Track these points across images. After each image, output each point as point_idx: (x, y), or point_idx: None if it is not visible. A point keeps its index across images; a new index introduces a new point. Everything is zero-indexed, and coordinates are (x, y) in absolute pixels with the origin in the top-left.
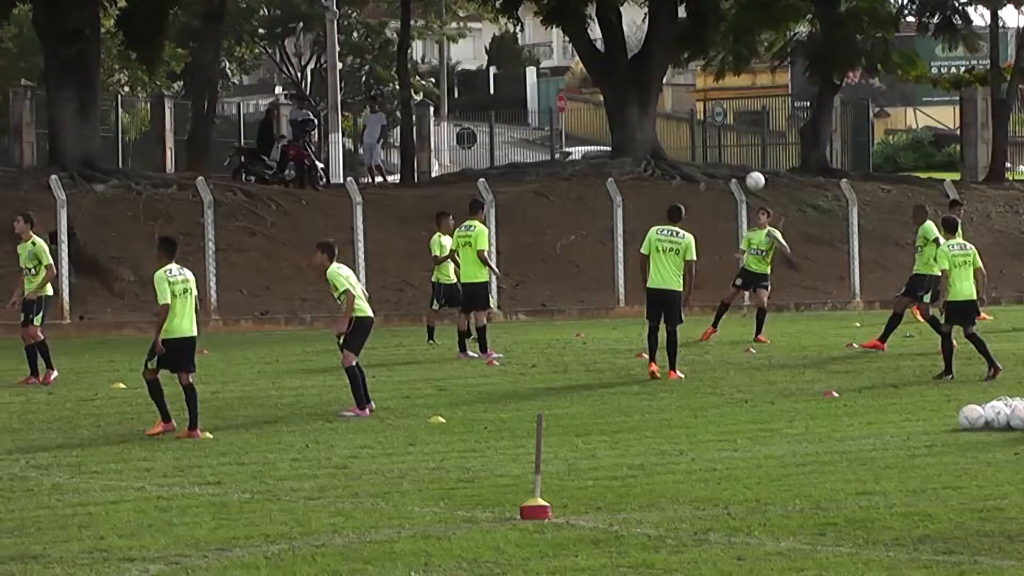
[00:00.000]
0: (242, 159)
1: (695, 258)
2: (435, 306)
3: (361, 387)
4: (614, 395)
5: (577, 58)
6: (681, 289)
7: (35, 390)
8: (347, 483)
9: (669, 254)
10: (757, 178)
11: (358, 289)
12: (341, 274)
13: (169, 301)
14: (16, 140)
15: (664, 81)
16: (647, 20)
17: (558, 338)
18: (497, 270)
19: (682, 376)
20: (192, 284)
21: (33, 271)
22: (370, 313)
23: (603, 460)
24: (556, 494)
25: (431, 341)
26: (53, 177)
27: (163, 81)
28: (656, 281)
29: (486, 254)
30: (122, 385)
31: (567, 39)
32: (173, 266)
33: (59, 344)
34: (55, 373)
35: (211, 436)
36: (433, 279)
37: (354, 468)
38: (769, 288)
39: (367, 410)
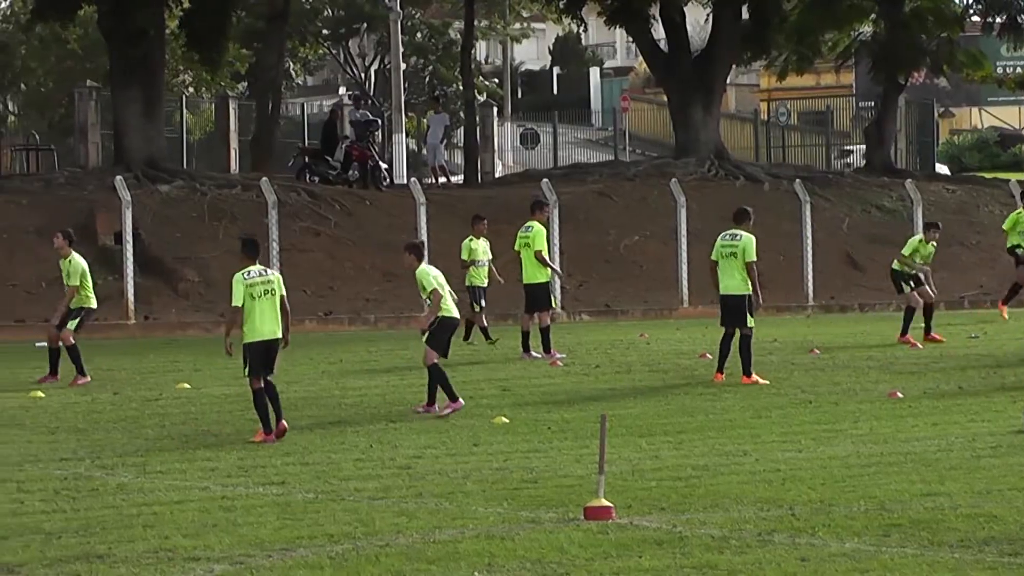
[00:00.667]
0: (306, 160)
1: (755, 259)
2: (475, 308)
3: (446, 383)
4: (678, 396)
5: (641, 58)
6: (743, 292)
7: (101, 391)
8: (411, 483)
9: (729, 258)
10: None
11: (447, 289)
12: (430, 274)
13: (240, 304)
14: (81, 141)
15: (728, 81)
16: (710, 20)
17: (621, 338)
18: (559, 270)
19: (761, 381)
20: (276, 285)
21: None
22: (456, 314)
23: (667, 461)
24: (620, 495)
25: (468, 341)
26: (118, 178)
27: (227, 82)
28: (721, 287)
29: (544, 254)
30: (187, 385)
31: (631, 39)
32: (254, 267)
33: (124, 344)
34: (86, 379)
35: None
36: (467, 283)
37: (418, 468)
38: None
39: (435, 407)
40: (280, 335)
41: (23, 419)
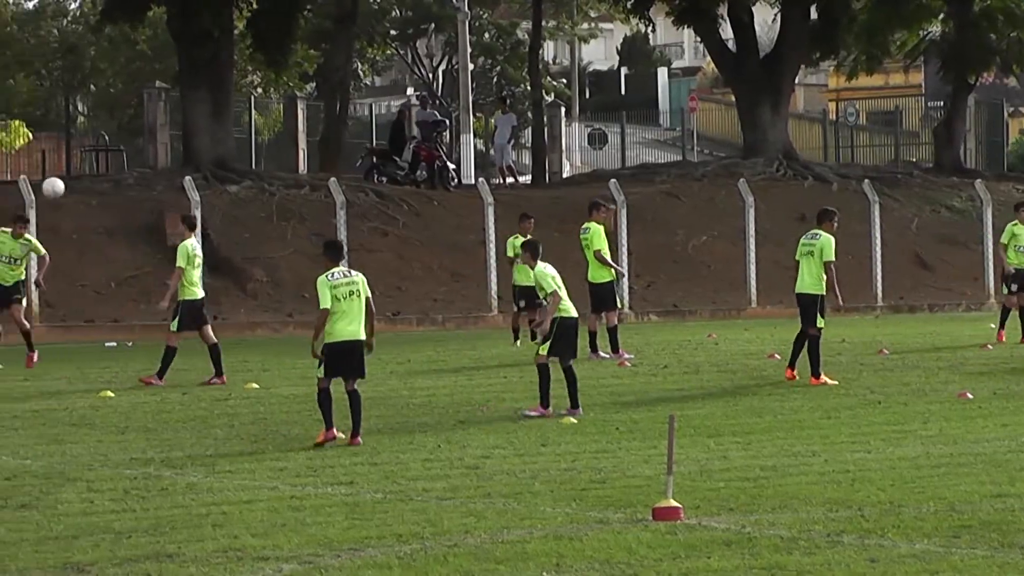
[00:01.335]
0: (374, 160)
1: (832, 258)
2: (516, 308)
3: (546, 388)
4: (746, 396)
5: (708, 58)
6: (815, 292)
7: (171, 391)
8: (479, 483)
9: (807, 257)
10: (55, 186)
11: (564, 291)
12: (548, 274)
13: (328, 305)
14: (151, 141)
15: (796, 81)
16: (779, 20)
17: (690, 339)
18: (621, 268)
19: (829, 382)
20: (360, 286)
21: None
22: (574, 314)
23: (735, 461)
24: (688, 495)
25: (515, 343)
26: (187, 178)
27: (296, 82)
28: (796, 286)
29: (604, 254)
30: (255, 385)
31: (699, 39)
32: (337, 269)
33: (193, 344)
34: (222, 379)
35: (343, 436)
36: (513, 281)
37: (486, 468)
38: None
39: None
40: (363, 337)
41: (93, 419)
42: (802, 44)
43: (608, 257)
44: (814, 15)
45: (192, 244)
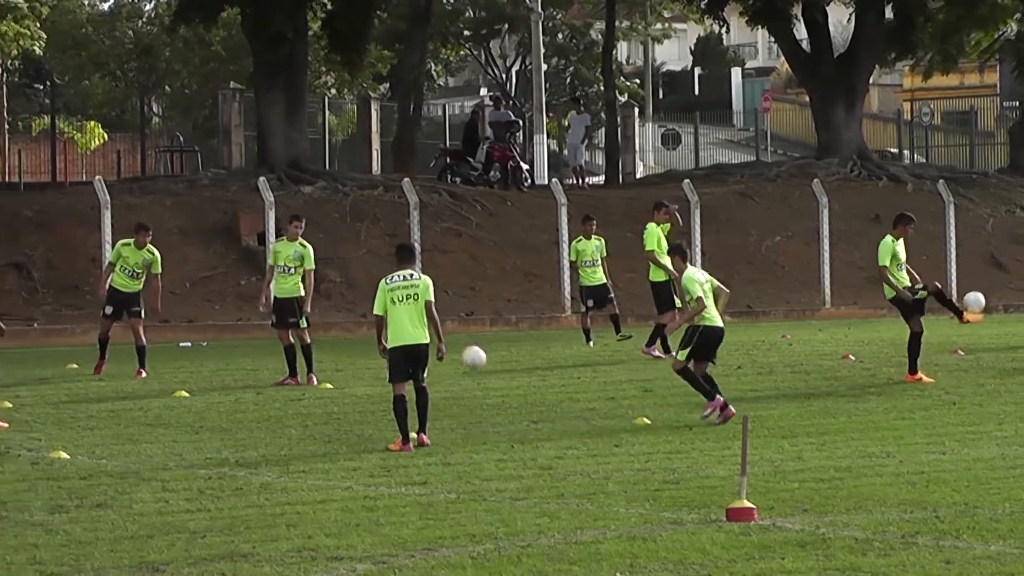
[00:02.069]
0: (447, 160)
1: (883, 263)
2: (583, 309)
3: (699, 384)
4: (820, 397)
5: (783, 58)
6: (889, 295)
7: (245, 391)
8: (552, 484)
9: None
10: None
11: (711, 299)
12: (696, 279)
13: (380, 311)
14: (225, 142)
15: (870, 81)
16: (853, 20)
17: (763, 339)
18: (672, 269)
19: (924, 378)
20: (420, 290)
21: (292, 270)
22: (719, 323)
23: (809, 462)
24: (762, 496)
25: (589, 343)
26: (261, 179)
27: (369, 83)
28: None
29: (656, 255)
30: (329, 385)
31: (773, 39)
32: (397, 272)
33: (267, 344)
34: (314, 380)
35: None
36: (580, 282)
37: (559, 469)
38: None
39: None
40: (422, 340)
41: (168, 419)
42: (877, 44)
43: (661, 258)
44: (889, 15)
45: (277, 245)
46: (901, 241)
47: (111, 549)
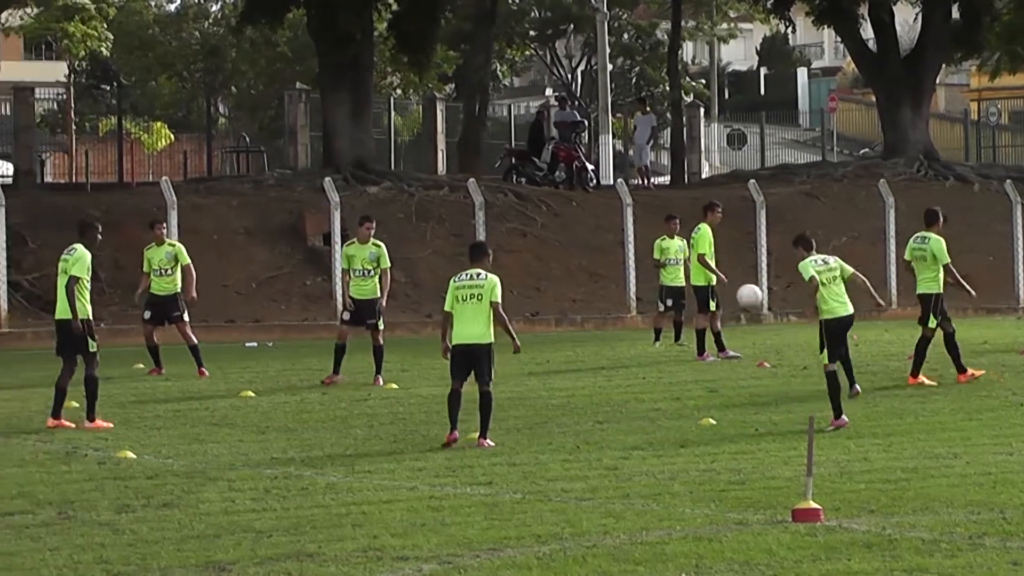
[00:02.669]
0: (513, 161)
1: (948, 261)
2: (660, 308)
3: (835, 395)
4: (886, 397)
5: (849, 58)
6: (930, 292)
7: (311, 391)
8: (618, 484)
9: (919, 261)
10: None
11: (835, 287)
12: (810, 270)
13: (449, 308)
14: (291, 142)
15: (937, 81)
16: (920, 19)
17: None
18: (721, 275)
19: (927, 382)
20: (484, 290)
21: (371, 272)
22: (840, 313)
23: (876, 463)
24: (828, 497)
25: (656, 343)
26: (327, 179)
27: (435, 83)
28: (916, 287)
29: (707, 258)
30: (394, 385)
31: (839, 39)
32: (469, 270)
33: (330, 346)
34: (380, 382)
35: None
36: (660, 281)
37: (625, 469)
38: None
39: (843, 419)
40: (483, 340)
41: (234, 419)
42: (944, 44)
43: (711, 261)
44: (956, 14)
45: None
46: None
47: (177, 548)
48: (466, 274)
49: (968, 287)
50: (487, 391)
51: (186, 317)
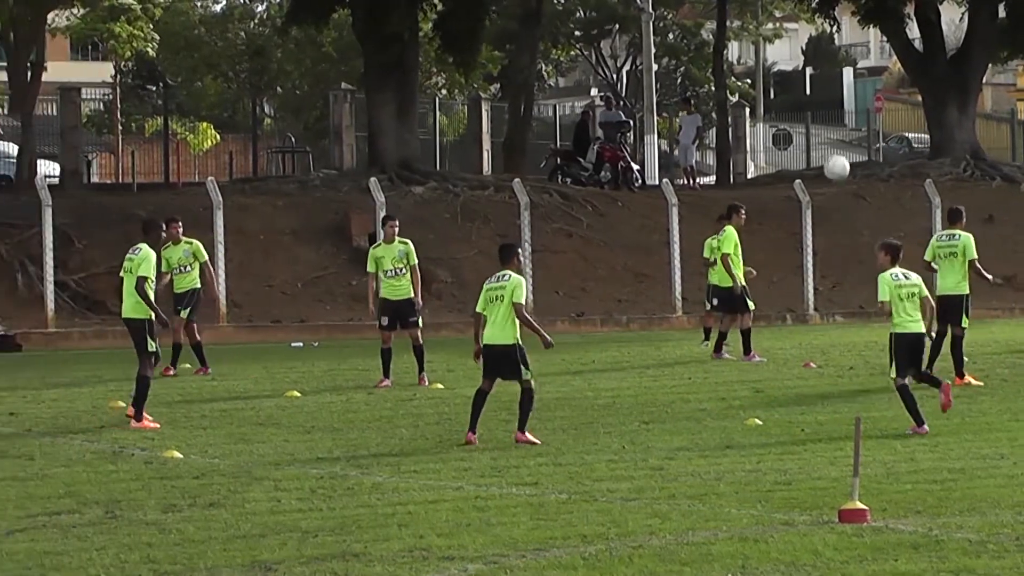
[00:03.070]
0: (558, 161)
1: (976, 256)
2: (707, 307)
3: (916, 410)
4: (933, 398)
5: (895, 58)
6: (961, 292)
7: (357, 391)
8: (663, 484)
9: (949, 258)
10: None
11: (910, 304)
12: (887, 282)
13: (479, 310)
14: (336, 143)
15: (983, 80)
16: (966, 19)
17: (876, 340)
18: (740, 278)
19: (974, 382)
20: (504, 291)
21: (402, 271)
22: (910, 329)
23: (922, 463)
24: (875, 497)
25: (704, 342)
26: (372, 179)
27: (480, 84)
28: (940, 287)
29: (730, 259)
30: (440, 385)
31: (885, 39)
32: (495, 274)
33: (377, 344)
34: (425, 381)
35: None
36: (708, 280)
37: (670, 469)
38: None
39: (924, 428)
40: (506, 341)
41: (280, 418)
42: (990, 43)
43: (735, 267)
44: (1002, 14)
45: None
46: None
47: (224, 548)
48: (495, 276)
49: (988, 275)
50: (526, 387)
51: (195, 316)
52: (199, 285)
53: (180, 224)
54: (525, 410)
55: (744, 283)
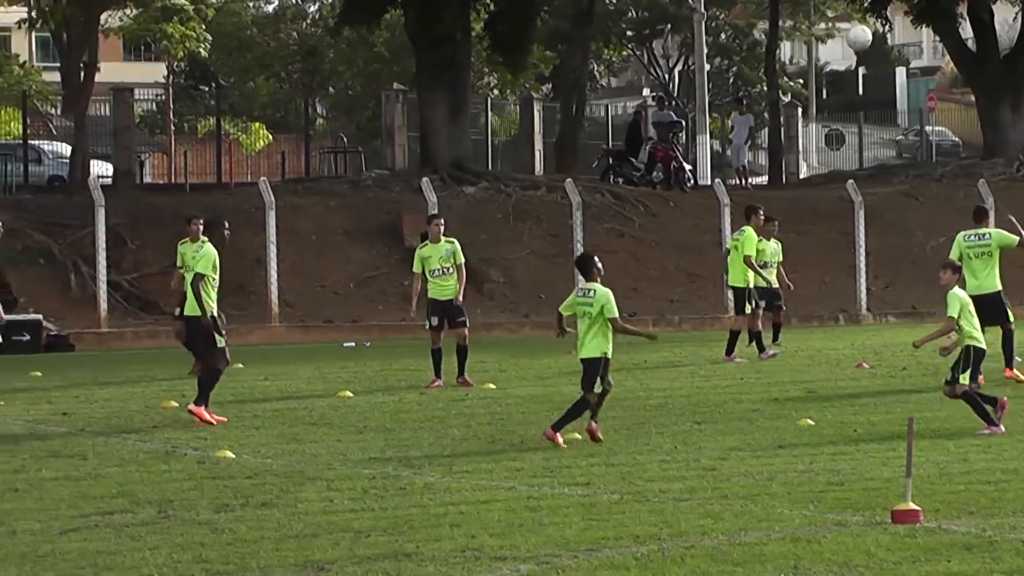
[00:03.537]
0: (610, 161)
1: (1017, 239)
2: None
3: (981, 406)
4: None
5: (948, 57)
6: (999, 289)
7: (409, 391)
8: (716, 484)
9: (983, 258)
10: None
11: (974, 319)
12: (958, 302)
13: (562, 310)
14: (388, 143)
15: None
16: (1020, 18)
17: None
18: (765, 277)
19: (1022, 376)
20: (592, 307)
21: (449, 270)
22: (983, 344)
23: (975, 464)
24: (927, 498)
25: (749, 344)
26: (424, 179)
27: (532, 83)
28: (971, 287)
29: (752, 260)
30: (492, 385)
31: (937, 38)
32: (581, 287)
33: (427, 346)
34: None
35: (579, 437)
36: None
37: (723, 470)
38: None
39: (1000, 427)
40: (591, 355)
41: (332, 418)
42: None
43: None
44: None
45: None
46: None
47: (276, 548)
48: (581, 290)
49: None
50: (588, 398)
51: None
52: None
53: (201, 222)
54: (570, 414)
55: (753, 287)
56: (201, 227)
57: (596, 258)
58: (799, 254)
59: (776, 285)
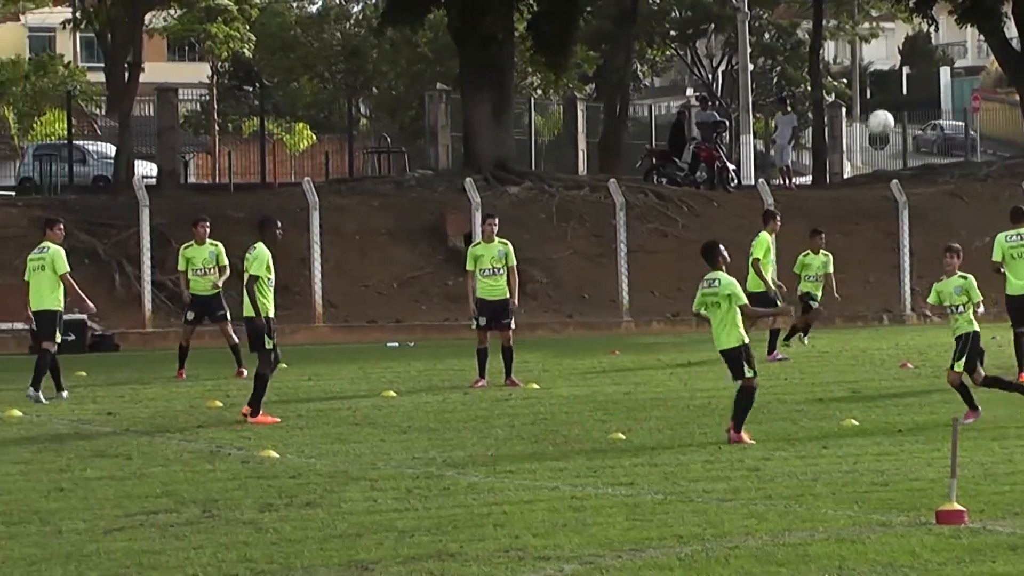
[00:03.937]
0: (654, 161)
1: None
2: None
3: (1005, 386)
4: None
5: (992, 57)
6: None
7: (452, 391)
8: (760, 485)
9: (1021, 259)
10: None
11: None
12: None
13: (695, 308)
14: (432, 143)
15: None
16: None
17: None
18: (770, 284)
19: None
20: (718, 296)
21: (500, 271)
22: (977, 328)
23: (1020, 465)
24: (972, 498)
25: (803, 341)
26: (468, 179)
27: (575, 84)
28: (1016, 287)
29: (760, 265)
30: (536, 385)
31: (982, 38)
32: (705, 278)
33: (473, 344)
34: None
35: (623, 437)
36: (800, 288)
37: (767, 470)
38: None
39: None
40: (727, 345)
41: (376, 418)
42: None
43: (764, 271)
44: None
45: (476, 249)
46: None
47: (320, 547)
48: (706, 280)
49: None
50: (746, 385)
51: (228, 316)
52: (220, 288)
53: (208, 224)
54: (741, 409)
55: (775, 286)
56: (208, 229)
57: (721, 246)
58: (843, 254)
59: (817, 292)
